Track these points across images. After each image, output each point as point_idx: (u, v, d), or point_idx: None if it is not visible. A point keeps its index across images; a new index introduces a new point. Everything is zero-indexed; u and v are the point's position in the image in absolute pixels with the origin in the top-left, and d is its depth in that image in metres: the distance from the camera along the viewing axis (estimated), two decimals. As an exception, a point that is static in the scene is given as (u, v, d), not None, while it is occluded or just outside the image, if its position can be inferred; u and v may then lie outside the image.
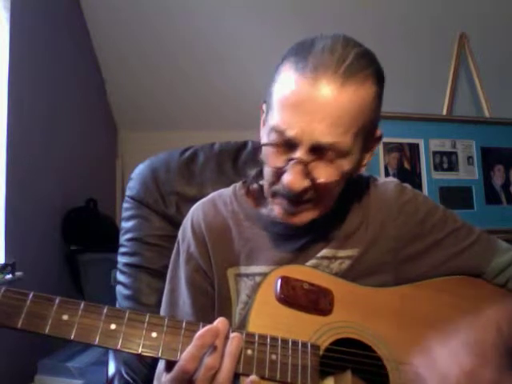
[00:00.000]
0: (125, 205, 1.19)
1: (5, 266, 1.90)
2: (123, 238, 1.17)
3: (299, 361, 0.72)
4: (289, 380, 0.70)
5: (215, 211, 0.91)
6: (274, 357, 0.70)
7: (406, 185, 0.94)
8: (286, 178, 0.74)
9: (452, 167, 2.14)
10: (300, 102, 0.71)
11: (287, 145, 0.74)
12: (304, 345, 0.73)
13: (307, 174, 0.74)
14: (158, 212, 1.14)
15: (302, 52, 0.74)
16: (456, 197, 2.10)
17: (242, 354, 0.69)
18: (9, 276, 1.91)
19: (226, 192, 0.95)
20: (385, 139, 2.09)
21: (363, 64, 0.73)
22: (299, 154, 0.73)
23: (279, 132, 0.73)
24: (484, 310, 0.77)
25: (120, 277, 1.16)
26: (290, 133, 0.72)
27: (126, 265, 1.15)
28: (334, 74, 0.70)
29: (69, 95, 2.59)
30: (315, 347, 0.74)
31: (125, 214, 1.18)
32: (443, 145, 2.15)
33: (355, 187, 0.90)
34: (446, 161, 2.14)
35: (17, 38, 2.07)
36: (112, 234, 2.03)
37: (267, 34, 2.62)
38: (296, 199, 0.77)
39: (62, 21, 2.53)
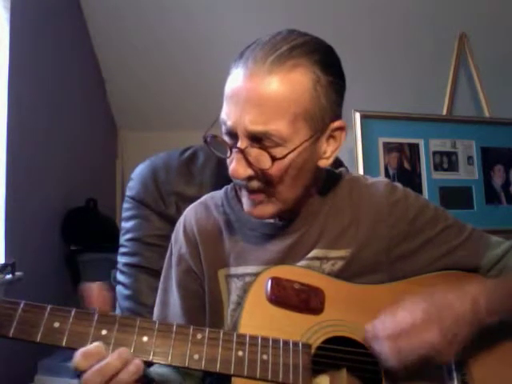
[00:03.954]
0: (125, 205, 1.19)
1: (5, 266, 1.90)
2: (123, 238, 1.18)
3: (290, 360, 0.72)
4: (280, 380, 0.71)
5: (207, 213, 0.93)
6: (265, 357, 0.71)
7: (397, 184, 0.94)
8: (231, 166, 0.78)
9: (452, 167, 2.14)
10: (234, 94, 0.76)
11: (230, 135, 0.77)
12: (295, 344, 0.73)
13: (248, 161, 0.76)
14: (157, 212, 1.15)
15: (243, 49, 0.78)
16: (456, 197, 2.10)
17: (233, 356, 0.70)
18: (9, 276, 1.90)
19: (218, 194, 0.96)
20: (385, 139, 2.12)
21: (296, 54, 0.75)
22: (239, 143, 0.76)
23: (224, 123, 0.78)
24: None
25: (120, 277, 1.16)
26: (229, 123, 0.76)
27: (126, 265, 1.15)
28: (262, 65, 0.74)
29: (69, 95, 2.58)
30: (306, 346, 0.74)
31: (125, 214, 1.18)
32: (443, 145, 2.15)
33: (346, 187, 0.91)
34: (446, 161, 2.14)
35: (17, 38, 2.07)
36: (112, 234, 2.03)
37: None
38: (246, 187, 0.80)
39: (61, 21, 2.53)
